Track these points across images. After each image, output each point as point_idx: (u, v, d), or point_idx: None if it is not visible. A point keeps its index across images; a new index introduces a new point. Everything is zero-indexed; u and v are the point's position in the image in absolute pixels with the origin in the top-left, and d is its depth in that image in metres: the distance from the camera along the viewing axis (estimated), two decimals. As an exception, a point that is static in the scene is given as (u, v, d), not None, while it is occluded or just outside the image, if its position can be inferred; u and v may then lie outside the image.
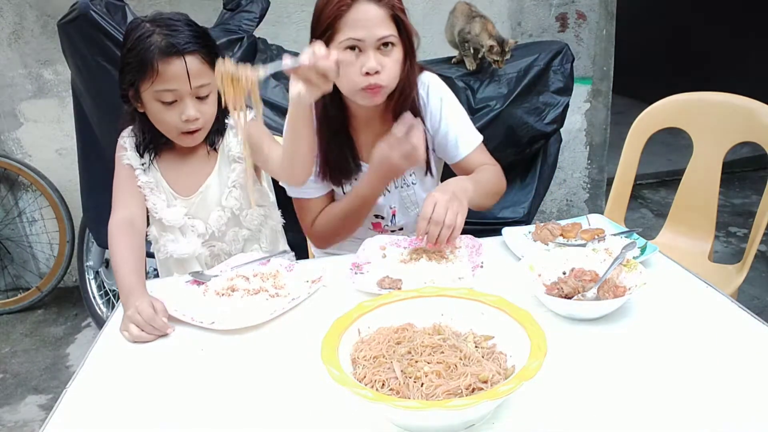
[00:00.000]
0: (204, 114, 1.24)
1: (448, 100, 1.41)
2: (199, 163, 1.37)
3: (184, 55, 1.17)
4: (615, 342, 0.93)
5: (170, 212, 1.35)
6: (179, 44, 1.17)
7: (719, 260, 1.89)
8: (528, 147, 2.07)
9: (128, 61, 1.20)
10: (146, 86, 1.19)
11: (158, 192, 1.35)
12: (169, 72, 1.17)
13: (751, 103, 1.66)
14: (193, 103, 1.22)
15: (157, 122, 1.26)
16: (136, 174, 1.33)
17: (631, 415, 0.76)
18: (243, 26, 2.04)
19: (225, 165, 1.37)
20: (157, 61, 1.16)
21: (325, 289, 1.17)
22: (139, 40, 1.17)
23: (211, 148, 1.35)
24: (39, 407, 2.27)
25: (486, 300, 0.90)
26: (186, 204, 1.36)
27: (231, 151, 1.36)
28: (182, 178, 1.36)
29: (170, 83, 1.18)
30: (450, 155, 1.43)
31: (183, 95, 1.21)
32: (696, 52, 4.83)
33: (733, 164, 3.71)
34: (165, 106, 1.21)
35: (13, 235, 3.00)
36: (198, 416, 0.84)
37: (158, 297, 1.12)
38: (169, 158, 1.36)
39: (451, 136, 1.40)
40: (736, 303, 1.00)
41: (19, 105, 2.78)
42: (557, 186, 3.04)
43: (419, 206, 1.47)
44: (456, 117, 1.41)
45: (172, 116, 1.22)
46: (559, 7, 2.78)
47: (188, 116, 1.21)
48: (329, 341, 0.82)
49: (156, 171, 1.35)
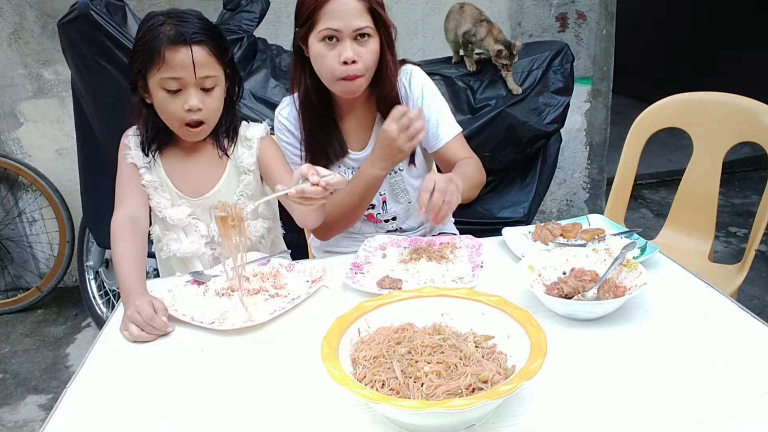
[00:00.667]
0: (207, 106, 1.25)
1: (429, 89, 1.45)
2: (207, 165, 1.37)
3: (191, 44, 1.20)
4: (615, 342, 0.93)
5: (175, 211, 1.35)
6: (187, 33, 1.20)
7: (719, 260, 1.89)
8: (529, 146, 2.07)
9: (137, 50, 1.23)
10: (153, 74, 1.21)
11: (162, 191, 1.35)
12: (175, 60, 1.19)
13: (751, 103, 1.66)
14: (196, 93, 1.23)
15: (162, 112, 1.27)
16: (140, 173, 1.33)
17: (631, 415, 0.76)
18: (243, 26, 2.05)
19: (234, 174, 1.38)
20: (164, 48, 1.18)
21: (325, 289, 1.17)
22: (149, 29, 1.21)
23: (222, 152, 1.36)
24: (39, 407, 2.27)
25: (486, 300, 0.90)
26: (190, 205, 1.36)
27: (243, 162, 1.37)
28: (188, 179, 1.36)
29: (176, 71, 1.20)
30: (431, 143, 1.46)
31: (188, 84, 1.22)
32: (696, 52, 4.83)
33: (733, 164, 3.71)
34: (169, 94, 1.23)
35: (13, 235, 3.00)
36: (198, 416, 0.84)
37: (158, 297, 1.12)
38: (175, 157, 1.36)
39: (432, 124, 1.43)
40: (736, 303, 1.00)
41: (19, 105, 2.79)
42: (557, 186, 3.04)
43: (408, 193, 1.51)
44: (437, 105, 1.45)
45: (175, 105, 1.23)
46: (559, 7, 2.78)
47: (191, 105, 1.22)
48: (329, 341, 0.82)
49: (160, 169, 1.35)
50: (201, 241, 1.38)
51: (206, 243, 1.38)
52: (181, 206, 1.36)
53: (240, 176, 1.38)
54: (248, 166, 1.37)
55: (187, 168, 1.36)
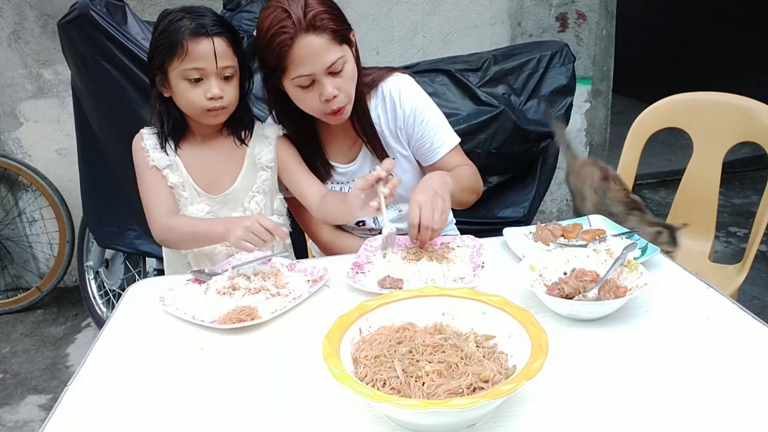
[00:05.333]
0: (228, 94, 1.31)
1: (422, 105, 1.40)
2: (225, 158, 1.41)
3: (212, 36, 1.26)
4: (615, 342, 0.93)
5: (195, 209, 1.39)
6: (208, 26, 1.26)
7: (719, 260, 1.90)
8: (536, 145, 2.07)
9: (158, 44, 1.28)
10: (175, 65, 1.27)
11: (182, 189, 1.39)
12: (197, 51, 1.25)
13: (751, 103, 1.66)
14: (217, 82, 1.29)
15: (183, 101, 1.31)
16: (164, 174, 1.37)
17: (631, 415, 0.76)
18: (243, 26, 2.04)
19: (252, 170, 1.42)
20: (186, 40, 1.24)
21: (326, 288, 1.17)
22: (170, 23, 1.26)
23: (240, 142, 1.41)
24: (39, 407, 2.27)
25: (487, 300, 0.90)
26: (209, 201, 1.40)
27: (262, 159, 1.42)
28: (207, 174, 1.40)
29: (198, 62, 1.26)
30: (426, 158, 1.45)
31: (209, 74, 1.28)
32: (696, 52, 4.83)
33: (733, 164, 3.72)
34: (191, 84, 1.28)
35: (13, 235, 3.00)
36: (198, 415, 0.84)
37: (160, 295, 1.13)
38: (193, 151, 1.40)
39: (426, 141, 1.41)
40: (736, 303, 1.00)
41: (19, 105, 2.79)
42: (557, 186, 3.04)
43: (397, 204, 1.49)
44: (432, 119, 1.41)
45: (197, 94, 1.29)
46: (559, 7, 2.79)
47: (213, 94, 1.28)
48: (330, 340, 0.82)
49: (181, 167, 1.39)
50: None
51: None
52: (200, 204, 1.40)
53: (258, 172, 1.42)
54: (267, 163, 1.42)
55: (205, 162, 1.40)
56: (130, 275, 2.60)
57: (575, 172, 1.63)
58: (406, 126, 1.41)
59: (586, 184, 1.58)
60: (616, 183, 1.55)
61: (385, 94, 1.40)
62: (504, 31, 2.83)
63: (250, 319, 1.04)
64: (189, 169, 1.39)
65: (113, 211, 2.16)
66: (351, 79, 1.29)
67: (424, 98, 1.42)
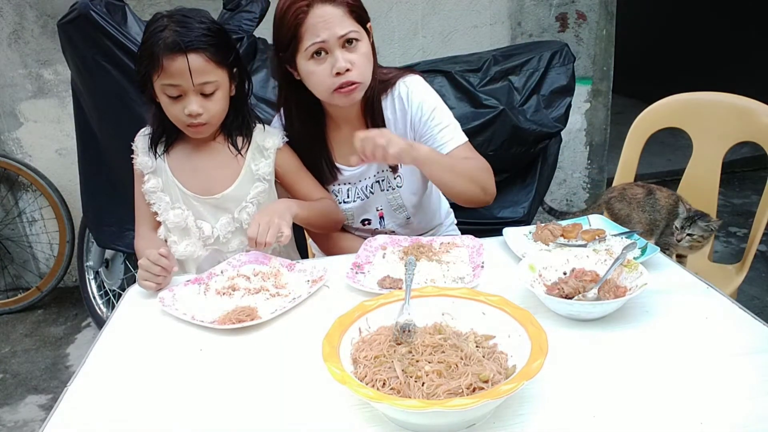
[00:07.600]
0: (209, 110, 1.27)
1: (428, 103, 1.39)
2: (218, 164, 1.37)
3: (188, 52, 1.20)
4: (615, 342, 0.93)
5: (173, 214, 1.37)
6: (183, 41, 1.20)
7: (719, 260, 1.90)
8: (533, 146, 2.07)
9: (141, 54, 1.25)
10: (155, 79, 1.24)
11: (163, 193, 1.37)
12: (172, 68, 1.21)
13: (751, 103, 1.66)
14: (196, 99, 1.25)
15: (167, 113, 1.30)
16: (144, 179, 1.37)
17: (631, 415, 0.76)
18: (243, 26, 2.04)
19: (248, 180, 1.38)
20: (162, 56, 1.20)
21: (325, 288, 1.17)
22: (152, 33, 1.22)
23: (237, 152, 1.37)
24: (39, 407, 2.27)
25: (487, 300, 0.90)
26: (199, 202, 1.37)
27: (259, 171, 1.38)
28: (196, 177, 1.37)
29: (174, 78, 1.22)
30: None
31: (187, 91, 1.24)
32: (696, 52, 4.83)
33: (733, 164, 3.71)
34: (171, 99, 1.26)
35: (13, 235, 3.00)
36: (198, 416, 0.84)
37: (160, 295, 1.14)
38: (183, 155, 1.38)
39: (430, 139, 1.40)
40: (736, 303, 1.00)
41: (19, 105, 2.79)
42: (557, 186, 3.04)
43: (407, 209, 1.50)
44: (439, 118, 1.39)
45: (177, 110, 1.26)
46: (559, 7, 2.79)
47: (190, 111, 1.25)
48: (330, 340, 0.82)
49: (166, 170, 1.37)
50: (199, 244, 1.38)
51: (207, 245, 1.39)
52: (179, 209, 1.37)
53: (254, 183, 1.38)
54: (264, 175, 1.38)
55: (195, 166, 1.37)
56: (130, 275, 2.60)
57: (619, 198, 1.62)
58: (413, 124, 1.40)
59: (632, 205, 1.58)
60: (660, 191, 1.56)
61: (395, 96, 1.40)
62: (504, 31, 2.83)
63: (249, 320, 1.04)
64: (176, 172, 1.36)
65: (113, 211, 2.16)
66: (366, 58, 1.28)
67: (431, 97, 1.41)
